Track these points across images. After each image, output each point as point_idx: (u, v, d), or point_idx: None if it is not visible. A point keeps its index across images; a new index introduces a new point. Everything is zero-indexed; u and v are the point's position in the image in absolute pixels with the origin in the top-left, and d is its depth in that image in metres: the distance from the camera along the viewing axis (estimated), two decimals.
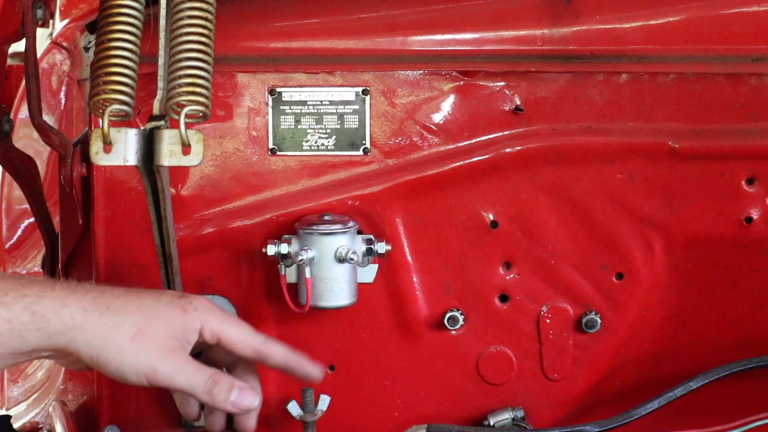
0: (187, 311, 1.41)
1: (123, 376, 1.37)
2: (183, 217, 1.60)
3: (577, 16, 1.59)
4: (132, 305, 1.38)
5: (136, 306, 1.38)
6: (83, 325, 1.34)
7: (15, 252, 2.26)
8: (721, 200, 1.64)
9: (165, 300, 1.41)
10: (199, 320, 1.41)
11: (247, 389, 1.43)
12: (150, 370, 1.37)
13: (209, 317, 1.42)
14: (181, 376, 1.39)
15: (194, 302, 1.42)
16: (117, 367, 1.36)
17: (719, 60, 1.61)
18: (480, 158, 1.62)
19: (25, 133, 2.03)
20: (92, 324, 1.35)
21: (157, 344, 1.37)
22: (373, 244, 1.58)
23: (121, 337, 1.35)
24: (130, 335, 1.36)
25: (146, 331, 1.37)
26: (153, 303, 1.40)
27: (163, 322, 1.38)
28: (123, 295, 1.39)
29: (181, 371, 1.38)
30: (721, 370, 1.61)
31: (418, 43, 1.59)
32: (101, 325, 1.35)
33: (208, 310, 1.43)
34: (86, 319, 1.34)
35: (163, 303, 1.40)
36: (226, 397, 1.41)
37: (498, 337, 1.68)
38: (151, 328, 1.37)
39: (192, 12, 1.42)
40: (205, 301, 1.44)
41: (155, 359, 1.37)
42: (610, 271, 1.66)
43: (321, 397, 1.61)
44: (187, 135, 1.38)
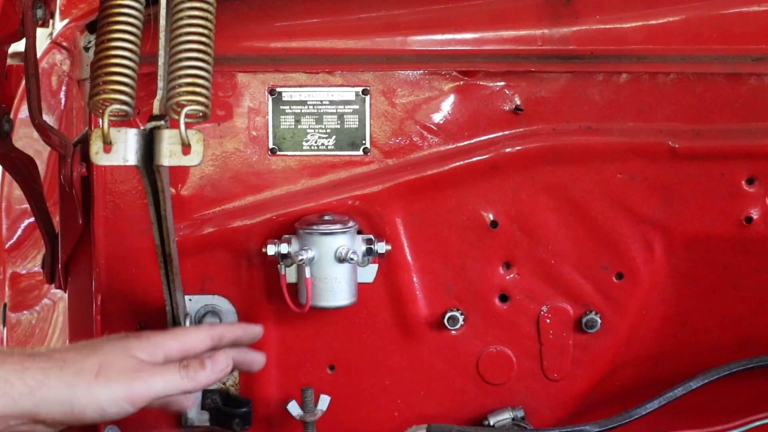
0: (141, 338, 1.44)
1: (105, 414, 1.38)
2: (183, 217, 1.60)
3: (577, 16, 1.59)
4: (86, 350, 1.41)
5: (90, 349, 1.41)
6: (47, 382, 1.36)
7: (15, 252, 2.26)
8: (721, 200, 1.64)
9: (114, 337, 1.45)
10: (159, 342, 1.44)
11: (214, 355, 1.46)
12: (127, 392, 1.39)
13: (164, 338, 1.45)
14: (156, 381, 1.41)
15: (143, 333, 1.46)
16: (95, 408, 1.38)
17: (719, 60, 1.61)
18: (480, 158, 1.62)
19: (25, 133, 2.03)
20: (55, 379, 1.36)
21: (123, 369, 1.39)
22: (373, 244, 1.58)
23: (86, 379, 1.37)
24: (93, 374, 1.38)
25: (107, 363, 1.39)
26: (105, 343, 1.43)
27: (120, 350, 1.41)
28: (76, 347, 1.43)
29: (153, 376, 1.41)
30: (721, 370, 1.61)
31: (418, 43, 1.59)
32: (63, 377, 1.37)
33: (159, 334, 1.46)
34: (48, 377, 1.36)
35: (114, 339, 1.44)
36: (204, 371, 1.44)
37: (498, 337, 1.68)
38: (112, 359, 1.39)
39: (192, 12, 1.42)
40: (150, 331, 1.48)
41: (127, 381, 1.39)
42: (610, 271, 1.66)
43: (321, 397, 1.61)
44: (187, 135, 1.37)
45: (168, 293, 1.53)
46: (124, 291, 1.62)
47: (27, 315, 2.17)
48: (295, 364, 1.66)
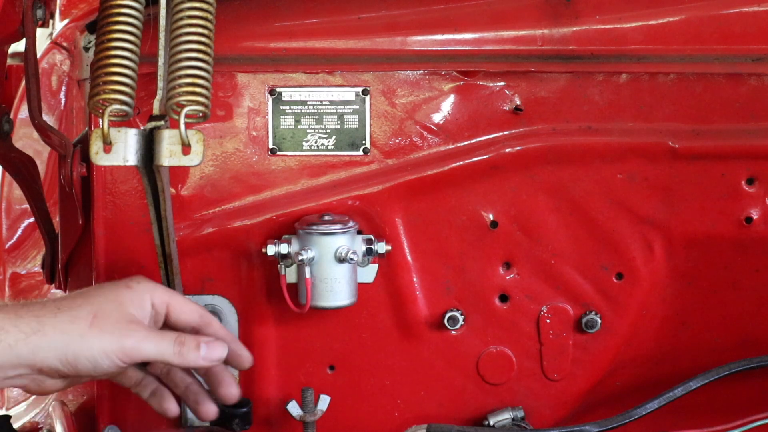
0: (131, 287, 1.43)
1: (96, 364, 1.38)
2: (183, 217, 1.60)
3: (577, 16, 1.59)
4: (79, 299, 1.41)
5: (83, 298, 1.41)
6: (41, 329, 1.36)
7: (15, 252, 2.26)
8: (721, 200, 1.65)
9: (107, 285, 1.45)
10: (147, 291, 1.44)
11: (213, 341, 1.45)
12: (118, 347, 1.38)
13: (154, 288, 1.45)
14: (148, 343, 1.40)
15: (135, 279, 1.45)
16: (88, 357, 1.37)
17: (719, 60, 1.61)
18: (480, 158, 1.62)
19: (25, 133, 2.03)
20: (49, 325, 1.37)
21: (116, 321, 1.39)
22: (373, 244, 1.58)
23: (80, 327, 1.37)
24: (87, 322, 1.38)
25: (101, 314, 1.39)
26: (97, 290, 1.43)
27: (114, 301, 1.41)
28: (69, 296, 1.43)
29: (147, 339, 1.40)
30: (721, 370, 1.61)
31: (418, 43, 1.59)
32: (58, 324, 1.37)
33: (152, 284, 1.46)
34: (42, 324, 1.36)
35: (106, 288, 1.44)
36: (196, 352, 1.43)
37: (498, 337, 1.68)
38: (105, 310, 1.39)
39: (192, 12, 1.42)
40: (145, 278, 1.47)
41: (119, 335, 1.38)
42: (610, 271, 1.66)
43: (321, 397, 1.61)
44: (187, 135, 1.37)
45: None
46: None
47: None
48: (295, 364, 1.66)
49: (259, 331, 1.64)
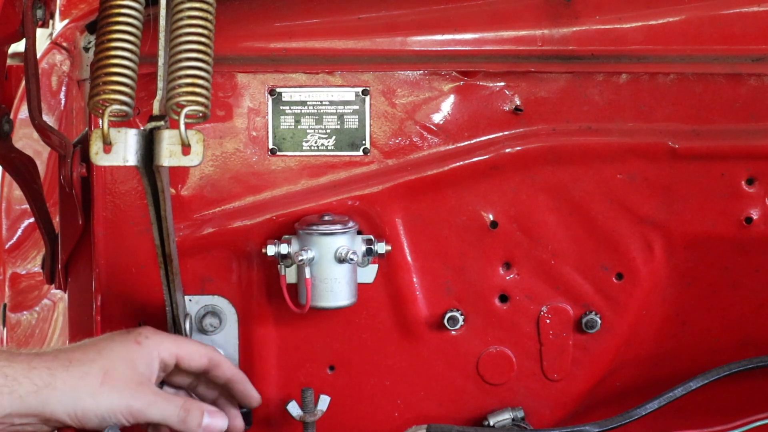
0: (140, 342, 1.47)
1: (103, 420, 1.42)
2: (183, 217, 1.60)
3: (577, 16, 1.59)
4: (91, 353, 1.44)
5: (95, 352, 1.44)
6: (52, 382, 1.39)
7: (15, 252, 2.26)
8: (721, 200, 1.65)
9: (117, 339, 1.47)
10: (155, 347, 1.48)
11: (216, 413, 1.50)
12: (125, 408, 1.42)
13: (162, 341, 1.49)
14: (154, 408, 1.44)
15: (143, 332, 1.49)
16: (96, 414, 1.41)
17: (719, 60, 1.61)
18: (480, 158, 1.62)
19: (25, 133, 2.03)
20: (60, 380, 1.40)
21: (126, 382, 1.43)
22: (373, 244, 1.58)
23: (90, 384, 1.41)
24: (98, 380, 1.41)
25: (112, 372, 1.42)
26: (108, 344, 1.46)
27: (124, 359, 1.45)
28: (81, 347, 1.46)
29: (154, 404, 1.44)
30: (721, 370, 1.61)
31: (418, 43, 1.59)
32: (69, 379, 1.40)
33: (159, 336, 1.50)
34: (54, 377, 1.40)
35: (117, 342, 1.46)
36: (199, 422, 1.48)
37: (498, 337, 1.68)
38: (116, 369, 1.43)
39: (192, 12, 1.42)
40: (152, 330, 1.50)
41: (127, 397, 1.42)
42: (610, 271, 1.66)
43: (321, 397, 1.61)
44: (187, 135, 1.37)
45: (168, 294, 1.53)
46: (124, 291, 1.62)
47: (27, 315, 2.17)
48: (295, 365, 1.66)
49: (259, 331, 1.64)
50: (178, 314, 1.56)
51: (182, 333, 1.57)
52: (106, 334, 1.50)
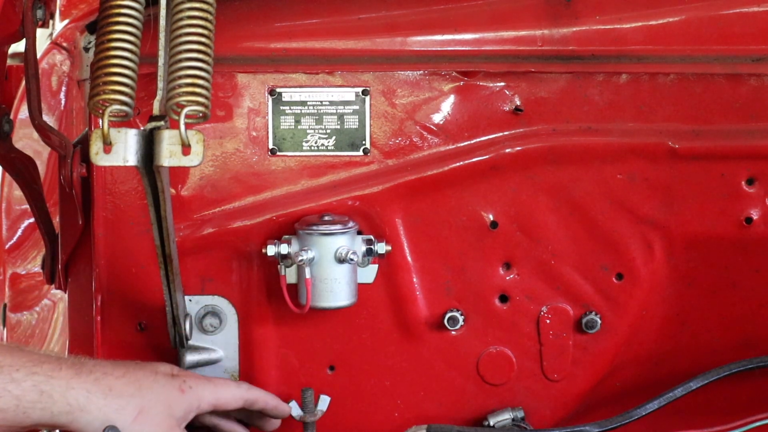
0: (184, 391, 1.48)
1: None
2: (183, 218, 1.60)
3: (577, 16, 1.59)
4: (132, 387, 1.44)
5: (135, 388, 1.44)
6: (87, 407, 1.40)
7: (15, 252, 2.26)
8: (721, 200, 1.65)
9: (161, 381, 1.48)
10: (197, 398, 1.49)
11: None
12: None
13: (204, 392, 1.50)
14: None
15: (188, 381, 1.49)
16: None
17: (719, 60, 1.61)
18: (480, 158, 1.62)
19: (25, 133, 2.03)
20: (95, 406, 1.40)
21: (157, 425, 1.44)
22: (373, 244, 1.58)
23: (123, 419, 1.42)
24: (131, 417, 1.42)
25: (146, 413, 1.44)
26: (151, 385, 1.46)
27: (163, 403, 1.45)
28: (123, 376, 1.45)
29: None
30: (721, 371, 1.61)
31: (418, 44, 1.59)
32: (104, 408, 1.41)
33: (201, 386, 1.50)
34: (90, 402, 1.40)
35: (160, 385, 1.47)
36: None
37: (498, 337, 1.68)
38: (151, 410, 1.44)
39: (192, 12, 1.42)
40: (195, 377, 1.51)
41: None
42: (610, 271, 1.66)
43: (321, 397, 1.61)
44: (187, 135, 1.37)
45: (168, 294, 1.53)
46: (124, 291, 1.62)
47: (27, 315, 2.17)
48: (295, 365, 1.66)
49: (259, 332, 1.64)
50: (178, 314, 1.56)
51: (182, 333, 1.57)
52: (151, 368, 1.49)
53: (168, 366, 1.51)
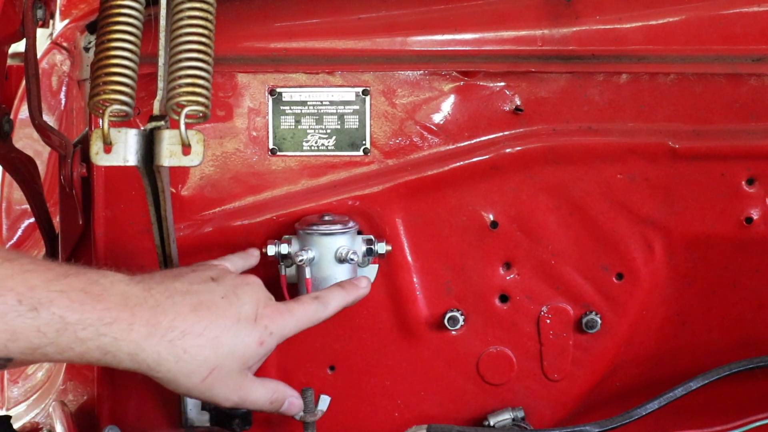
0: (264, 343, 1.40)
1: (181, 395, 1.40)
2: (183, 217, 1.60)
3: (577, 16, 1.59)
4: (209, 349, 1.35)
5: (212, 349, 1.35)
6: (156, 368, 1.32)
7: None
8: (721, 200, 1.65)
9: (241, 334, 1.38)
10: (276, 341, 1.42)
11: (294, 400, 1.48)
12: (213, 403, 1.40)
13: (284, 332, 1.43)
14: (242, 405, 1.42)
15: (269, 326, 1.41)
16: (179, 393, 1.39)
17: (719, 60, 1.61)
18: (480, 158, 1.62)
19: (25, 133, 2.03)
20: (165, 368, 1.33)
21: (227, 384, 1.38)
22: (373, 244, 1.58)
23: (193, 381, 1.35)
24: (201, 378, 1.35)
25: (219, 371, 1.36)
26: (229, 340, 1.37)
27: (238, 360, 1.38)
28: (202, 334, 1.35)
29: (243, 403, 1.41)
30: (721, 370, 1.61)
31: (418, 43, 1.59)
32: (175, 371, 1.33)
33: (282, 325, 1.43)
34: (160, 364, 1.32)
35: (240, 338, 1.38)
36: (278, 408, 1.47)
37: (498, 337, 1.68)
38: (224, 369, 1.37)
39: (192, 12, 1.42)
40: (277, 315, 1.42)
41: (220, 398, 1.38)
42: (610, 271, 1.67)
43: (321, 397, 1.61)
44: (187, 135, 1.37)
45: None
46: None
47: None
48: (295, 365, 1.66)
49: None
50: None
51: None
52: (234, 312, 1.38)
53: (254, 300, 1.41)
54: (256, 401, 1.43)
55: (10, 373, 2.03)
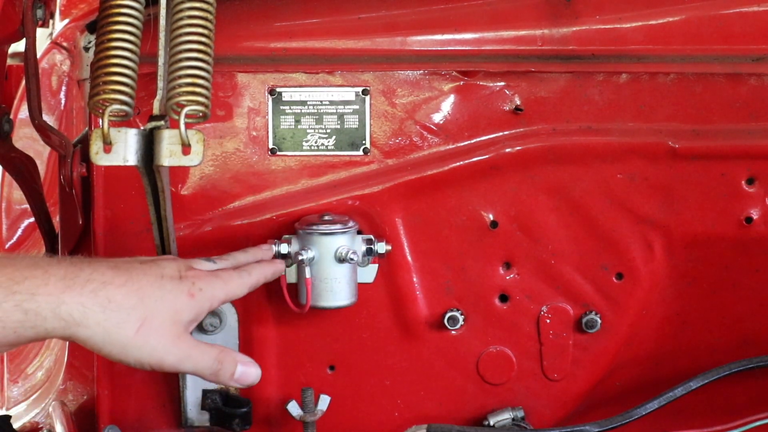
0: (194, 295, 1.37)
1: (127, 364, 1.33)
2: (183, 217, 1.60)
3: (577, 16, 1.59)
4: (134, 297, 1.31)
5: (138, 298, 1.32)
6: (84, 321, 1.28)
7: (15, 252, 2.26)
8: (721, 200, 1.65)
9: (168, 286, 1.35)
10: (208, 300, 1.38)
11: (249, 364, 1.41)
12: (156, 361, 1.33)
13: (215, 291, 1.39)
14: (187, 362, 1.35)
15: (197, 282, 1.38)
16: (121, 359, 1.32)
17: (719, 60, 1.61)
18: (480, 158, 1.62)
19: (25, 133, 2.03)
20: (93, 320, 1.29)
21: (162, 334, 1.33)
22: (373, 244, 1.58)
23: (125, 332, 1.30)
24: (134, 329, 1.31)
25: (151, 322, 1.32)
26: (155, 292, 1.34)
27: (169, 310, 1.34)
28: (124, 285, 1.32)
29: (188, 358, 1.35)
30: (721, 370, 1.61)
31: (418, 43, 1.59)
32: (104, 322, 1.29)
33: (211, 285, 1.39)
34: (87, 317, 1.28)
35: (166, 291, 1.34)
36: (232, 373, 1.39)
37: (498, 337, 1.68)
38: (156, 319, 1.32)
39: (192, 12, 1.42)
40: (204, 276, 1.40)
41: (160, 351, 1.33)
42: (610, 271, 1.67)
43: (321, 397, 1.61)
44: (187, 135, 1.37)
45: None
46: None
47: None
48: (295, 364, 1.66)
49: (259, 331, 1.64)
50: None
51: None
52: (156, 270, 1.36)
53: (174, 265, 1.39)
54: (202, 357, 1.36)
55: (10, 372, 2.03)
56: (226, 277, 1.42)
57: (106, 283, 1.31)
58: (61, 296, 1.28)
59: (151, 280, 1.35)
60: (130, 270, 1.34)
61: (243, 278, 1.44)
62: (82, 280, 1.30)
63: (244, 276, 1.45)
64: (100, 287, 1.30)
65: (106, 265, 1.33)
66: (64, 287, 1.28)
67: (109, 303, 1.30)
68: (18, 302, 1.26)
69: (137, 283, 1.33)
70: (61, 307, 1.27)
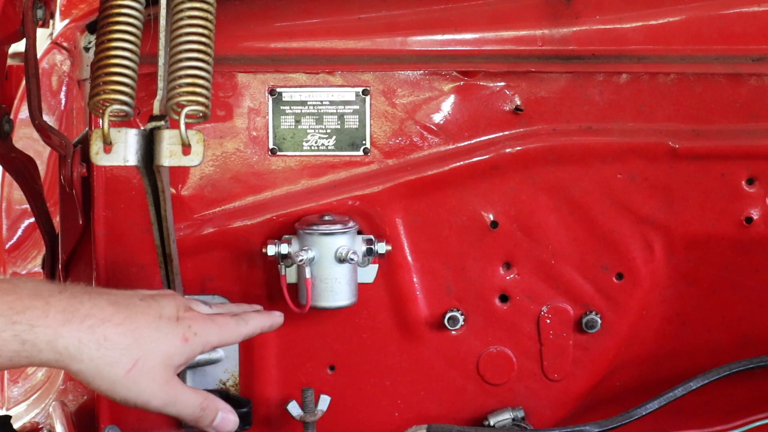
0: (188, 340, 1.38)
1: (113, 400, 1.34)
2: (183, 217, 1.60)
3: (577, 16, 1.59)
4: (130, 338, 1.32)
5: (133, 339, 1.33)
6: (78, 356, 1.29)
7: (15, 252, 2.26)
8: (721, 200, 1.65)
9: (164, 329, 1.36)
10: (201, 344, 1.39)
11: (229, 415, 1.43)
12: (142, 402, 1.34)
13: (209, 337, 1.40)
14: (172, 407, 1.37)
15: (193, 326, 1.39)
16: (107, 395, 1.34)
17: (719, 60, 1.61)
18: (480, 158, 1.62)
19: (25, 133, 2.03)
20: (88, 356, 1.30)
21: (153, 378, 1.34)
22: (373, 244, 1.58)
23: (116, 371, 1.31)
24: (125, 369, 1.32)
25: (143, 364, 1.33)
26: (152, 333, 1.35)
27: (162, 354, 1.35)
28: (122, 323, 1.33)
29: (173, 404, 1.36)
30: (721, 370, 1.61)
31: (418, 43, 1.59)
32: (97, 359, 1.30)
33: (206, 330, 1.40)
34: (81, 352, 1.29)
35: (162, 333, 1.35)
36: (211, 421, 1.41)
37: (498, 337, 1.68)
38: (148, 362, 1.33)
39: (192, 12, 1.42)
40: (200, 320, 1.40)
41: (147, 394, 1.34)
42: (610, 271, 1.67)
43: (321, 397, 1.61)
44: (187, 135, 1.37)
45: None
46: None
47: None
48: (295, 364, 1.66)
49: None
50: None
51: None
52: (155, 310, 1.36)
53: (174, 305, 1.39)
54: (186, 403, 1.37)
55: (10, 373, 2.03)
56: (222, 323, 1.43)
57: (105, 320, 1.31)
58: (59, 329, 1.28)
59: (149, 321, 1.35)
60: (129, 307, 1.35)
61: (239, 326, 1.45)
62: (81, 315, 1.30)
63: (240, 324, 1.46)
64: (98, 324, 1.31)
65: (107, 300, 1.34)
66: (64, 320, 1.29)
67: (105, 341, 1.30)
68: (17, 332, 1.26)
69: (135, 323, 1.34)
70: (59, 341, 1.28)
